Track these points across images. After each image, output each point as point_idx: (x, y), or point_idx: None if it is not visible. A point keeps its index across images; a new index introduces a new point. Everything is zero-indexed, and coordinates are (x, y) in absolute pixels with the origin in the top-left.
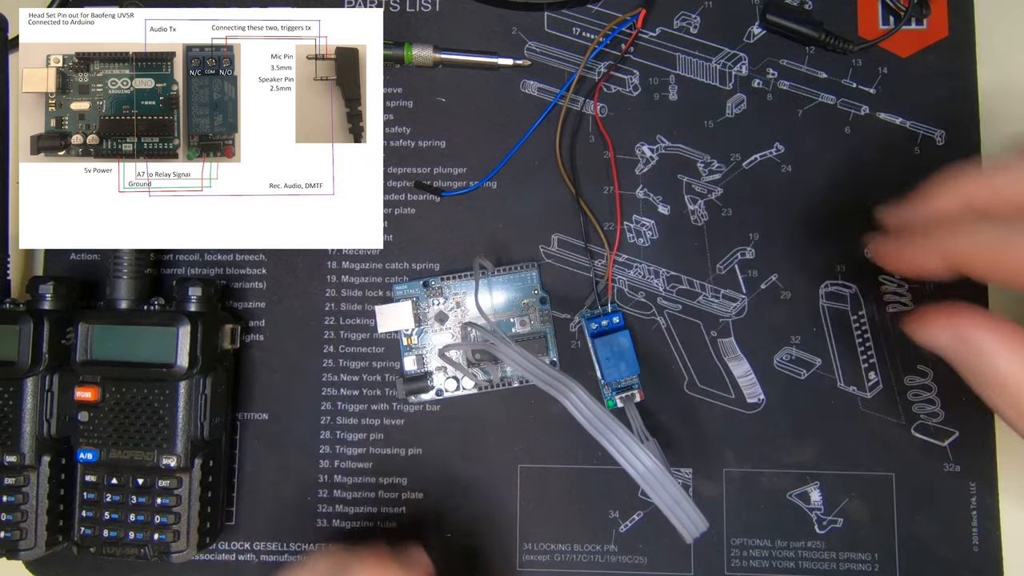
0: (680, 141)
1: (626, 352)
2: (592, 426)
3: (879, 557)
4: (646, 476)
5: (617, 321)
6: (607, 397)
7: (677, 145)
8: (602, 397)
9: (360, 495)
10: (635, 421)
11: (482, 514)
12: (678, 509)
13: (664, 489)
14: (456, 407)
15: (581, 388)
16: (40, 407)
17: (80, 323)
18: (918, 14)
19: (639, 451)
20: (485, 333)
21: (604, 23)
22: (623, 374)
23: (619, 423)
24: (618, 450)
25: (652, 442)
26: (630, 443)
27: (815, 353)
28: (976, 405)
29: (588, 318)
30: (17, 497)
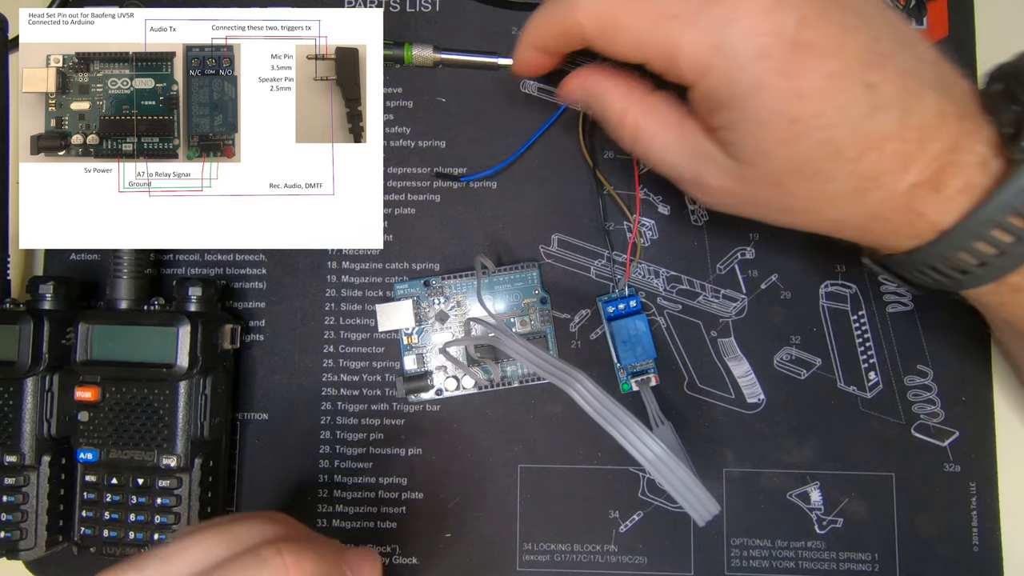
0: None
1: (642, 336)
2: (600, 415)
3: (879, 557)
4: (655, 463)
5: (635, 305)
6: (622, 381)
7: None
8: (618, 380)
9: (360, 495)
10: (651, 405)
11: (482, 514)
12: (689, 494)
13: (674, 474)
14: (456, 407)
15: (587, 378)
16: (40, 407)
17: (80, 323)
18: (917, 14)
19: (648, 438)
20: (489, 327)
21: None
22: (639, 358)
23: (627, 411)
24: (626, 438)
25: (667, 425)
26: (638, 431)
27: (815, 353)
28: (976, 405)
29: (605, 301)
30: (17, 497)
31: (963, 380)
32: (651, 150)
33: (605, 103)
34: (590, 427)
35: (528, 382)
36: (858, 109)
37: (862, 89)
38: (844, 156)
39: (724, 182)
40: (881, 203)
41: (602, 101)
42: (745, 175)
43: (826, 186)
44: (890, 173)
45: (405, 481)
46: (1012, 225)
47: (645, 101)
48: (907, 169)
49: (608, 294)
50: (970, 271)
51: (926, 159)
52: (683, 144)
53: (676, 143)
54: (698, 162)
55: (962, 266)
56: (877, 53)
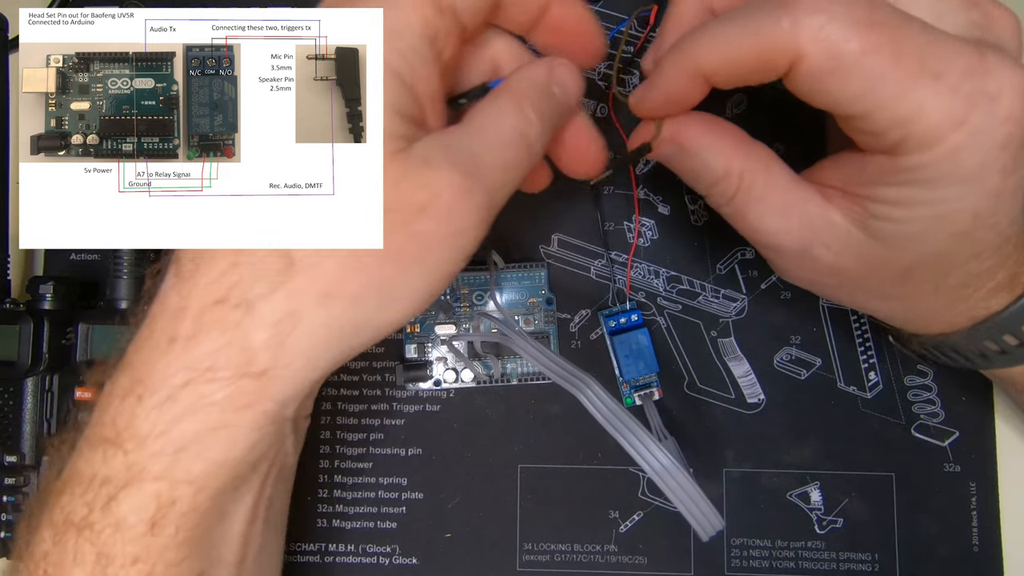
0: None
1: (644, 350)
2: (608, 423)
3: (879, 557)
4: (662, 474)
5: (636, 319)
6: (625, 395)
7: None
8: (620, 395)
9: (360, 495)
10: (653, 419)
11: (482, 514)
12: (695, 508)
13: (681, 488)
14: (456, 407)
15: (597, 384)
16: (40, 407)
17: (80, 323)
18: None
19: (656, 449)
20: (500, 325)
21: (604, 23)
22: (641, 372)
23: (636, 420)
24: (635, 448)
25: (670, 440)
26: (647, 440)
27: (815, 353)
28: (976, 405)
29: (606, 315)
30: (17, 497)
31: (963, 380)
32: (750, 213)
33: (705, 158)
34: (590, 427)
35: (527, 380)
36: (1014, 214)
37: (1018, 196)
38: (981, 256)
39: (840, 260)
40: (968, 298)
41: (701, 156)
42: (873, 257)
43: (943, 280)
44: (991, 273)
45: (405, 481)
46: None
47: (749, 156)
48: (1002, 269)
49: (609, 308)
50: (1009, 351)
51: (1018, 259)
52: (792, 209)
53: (783, 207)
54: (812, 232)
55: (1003, 346)
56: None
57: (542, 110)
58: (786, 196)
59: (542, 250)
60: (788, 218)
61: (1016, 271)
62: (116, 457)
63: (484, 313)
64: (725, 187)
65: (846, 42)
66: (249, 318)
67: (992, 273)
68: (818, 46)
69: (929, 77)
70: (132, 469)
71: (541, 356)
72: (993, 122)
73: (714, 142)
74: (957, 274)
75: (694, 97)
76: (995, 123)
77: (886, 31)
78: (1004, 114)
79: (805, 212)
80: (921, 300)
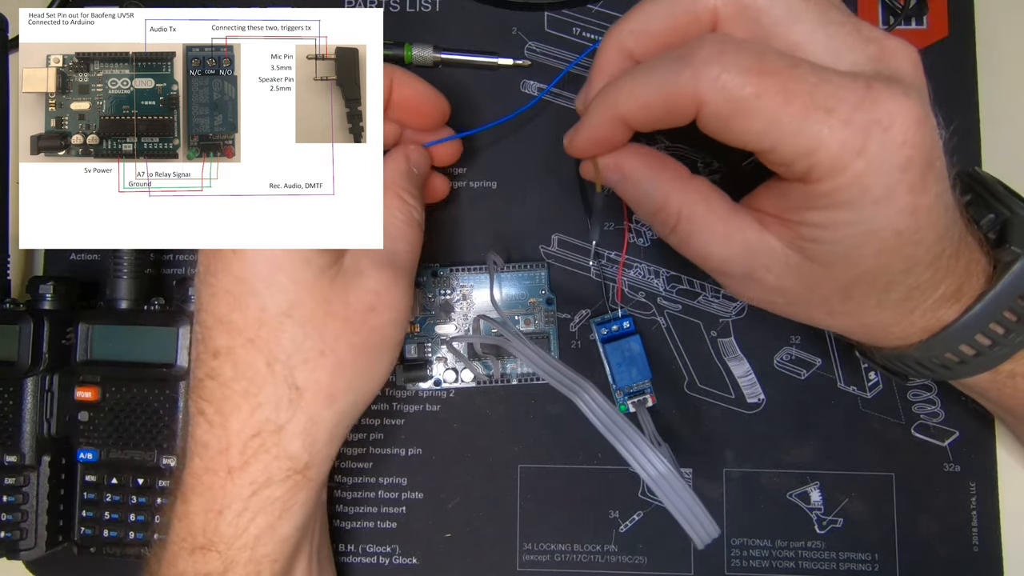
0: (680, 141)
1: (637, 357)
2: (605, 428)
3: (879, 557)
4: (659, 480)
5: (628, 326)
6: (619, 402)
7: (677, 145)
8: (614, 402)
9: (360, 495)
10: (647, 426)
11: (482, 514)
12: (690, 515)
13: (677, 494)
14: (456, 407)
15: (595, 389)
16: (40, 407)
17: (80, 323)
18: (917, 14)
19: (652, 455)
20: (499, 327)
21: (605, 23)
22: (634, 379)
23: (632, 426)
24: (631, 453)
25: (665, 447)
26: (643, 446)
27: (815, 353)
28: (976, 405)
29: (598, 323)
30: (17, 497)
31: None
32: (693, 242)
33: (645, 189)
34: (590, 428)
35: (527, 381)
36: (941, 229)
37: (945, 209)
38: (915, 271)
39: (783, 281)
40: (913, 311)
41: (641, 187)
42: (812, 276)
43: (884, 295)
44: (932, 285)
45: (405, 481)
46: (1006, 319)
47: (688, 188)
48: (943, 281)
49: (601, 315)
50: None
51: (957, 271)
52: (732, 237)
53: (723, 236)
54: (752, 257)
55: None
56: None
57: (413, 191)
58: (726, 226)
59: (542, 250)
60: (729, 246)
61: (960, 283)
62: (212, 557)
63: (483, 316)
64: (665, 217)
65: (740, 88)
66: (284, 437)
67: (934, 285)
68: (717, 94)
69: (822, 112)
70: (226, 562)
71: (539, 360)
72: (889, 148)
73: (654, 174)
74: (897, 289)
75: (618, 139)
76: (891, 148)
77: (776, 75)
78: (899, 140)
79: (745, 239)
80: (867, 314)
